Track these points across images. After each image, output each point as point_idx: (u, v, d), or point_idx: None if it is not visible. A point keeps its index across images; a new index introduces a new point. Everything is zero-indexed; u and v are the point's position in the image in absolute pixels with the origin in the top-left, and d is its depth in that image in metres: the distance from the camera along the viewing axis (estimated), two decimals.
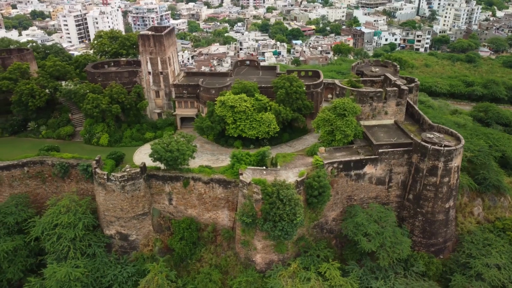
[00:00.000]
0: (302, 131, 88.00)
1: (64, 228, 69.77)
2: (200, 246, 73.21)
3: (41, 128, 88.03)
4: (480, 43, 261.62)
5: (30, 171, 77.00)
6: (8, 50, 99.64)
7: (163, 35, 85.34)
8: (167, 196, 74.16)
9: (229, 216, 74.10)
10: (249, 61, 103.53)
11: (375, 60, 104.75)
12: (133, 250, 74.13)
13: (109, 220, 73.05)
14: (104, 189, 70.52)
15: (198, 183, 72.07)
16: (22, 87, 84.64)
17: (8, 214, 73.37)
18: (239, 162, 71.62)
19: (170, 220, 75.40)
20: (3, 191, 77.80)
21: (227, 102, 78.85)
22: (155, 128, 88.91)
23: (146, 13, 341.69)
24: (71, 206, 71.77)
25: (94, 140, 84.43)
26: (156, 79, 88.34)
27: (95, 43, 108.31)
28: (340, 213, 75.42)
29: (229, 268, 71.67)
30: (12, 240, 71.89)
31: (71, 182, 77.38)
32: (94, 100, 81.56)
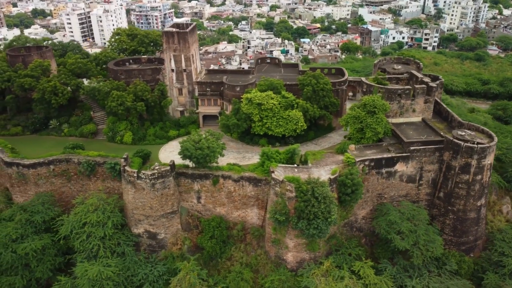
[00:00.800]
0: (327, 129, 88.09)
1: (93, 227, 69.70)
2: (229, 245, 73.22)
3: (63, 126, 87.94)
4: (489, 41, 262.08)
5: (56, 169, 76.84)
6: (27, 48, 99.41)
7: (188, 32, 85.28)
8: (195, 194, 74.14)
9: (258, 214, 74.14)
10: (270, 59, 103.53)
11: (396, 57, 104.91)
12: (161, 249, 74.07)
13: (137, 219, 72.98)
14: (133, 187, 70.46)
15: (228, 181, 72.05)
16: (44, 84, 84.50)
17: (35, 213, 73.22)
18: (269, 160, 71.67)
19: (198, 218, 75.38)
20: (28, 190, 77.64)
21: (254, 100, 78.84)
22: (178, 126, 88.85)
23: (150, 12, 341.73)
24: (99, 204, 71.69)
25: (118, 138, 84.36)
26: (179, 77, 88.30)
27: (113, 40, 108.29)
28: (370, 212, 75.54)
29: (260, 267, 71.72)
30: (40, 238, 71.72)
31: (97, 180, 77.24)
32: (118, 97, 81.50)
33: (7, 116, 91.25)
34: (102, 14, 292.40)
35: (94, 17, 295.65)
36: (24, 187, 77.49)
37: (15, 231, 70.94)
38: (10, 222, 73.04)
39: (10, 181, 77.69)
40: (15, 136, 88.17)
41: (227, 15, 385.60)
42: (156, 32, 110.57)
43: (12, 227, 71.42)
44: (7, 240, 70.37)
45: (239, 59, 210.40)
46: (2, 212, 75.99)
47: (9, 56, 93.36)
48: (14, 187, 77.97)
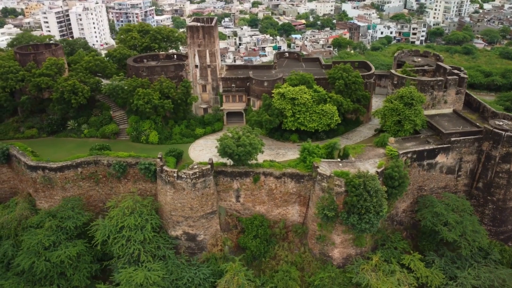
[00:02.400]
0: (355, 123, 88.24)
1: (132, 231, 67.66)
2: (272, 244, 72.32)
3: (82, 127, 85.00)
4: (474, 35, 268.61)
5: (84, 172, 74.27)
6: (35, 46, 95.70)
7: (213, 26, 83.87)
8: (234, 193, 72.94)
9: (299, 211, 73.56)
10: (288, 53, 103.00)
11: (414, 50, 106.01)
12: (201, 251, 72.57)
13: (175, 221, 71.29)
14: (172, 188, 68.74)
15: (269, 178, 71.17)
16: (63, 83, 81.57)
17: (65, 219, 70.62)
18: (310, 155, 71.12)
19: (237, 218, 74.20)
20: (54, 194, 74.77)
21: (287, 94, 78.16)
22: (203, 124, 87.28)
23: (130, 9, 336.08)
24: (135, 207, 69.68)
25: (143, 138, 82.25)
26: (203, 73, 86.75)
27: (122, 37, 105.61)
28: (410, 204, 76.02)
29: (305, 264, 71.16)
30: (74, 245, 69.15)
31: (127, 182, 75.02)
32: (145, 95, 79.36)
33: (20, 118, 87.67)
34: (82, 12, 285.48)
35: (73, 15, 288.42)
36: (50, 191, 74.58)
37: (47, 238, 68.20)
38: (39, 229, 70.20)
39: (34, 186, 74.63)
40: (30, 138, 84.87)
41: (208, 12, 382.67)
42: (168, 28, 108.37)
43: (44, 235, 68.62)
44: (40, 248, 67.59)
45: (233, 56, 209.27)
46: (28, 219, 72.85)
47: (18, 55, 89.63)
48: (39, 192, 74.95)
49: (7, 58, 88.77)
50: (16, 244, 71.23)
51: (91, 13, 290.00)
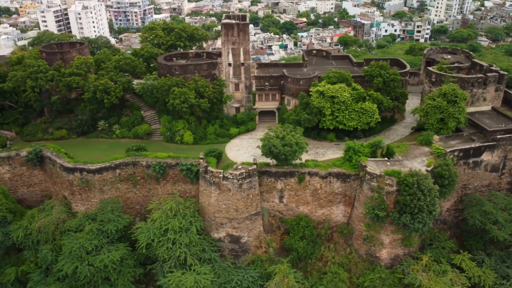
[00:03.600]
0: (390, 121, 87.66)
1: (177, 233, 66.56)
2: (318, 245, 71.57)
3: (113, 127, 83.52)
4: (478, 32, 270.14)
5: (122, 173, 72.96)
6: (59, 44, 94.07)
7: (248, 23, 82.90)
8: (278, 193, 72.11)
9: (344, 211, 72.95)
10: (316, 51, 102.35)
11: (442, 47, 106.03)
12: (244, 253, 71.61)
13: (219, 222, 70.28)
14: (217, 189, 67.71)
15: (314, 178, 70.44)
16: (95, 83, 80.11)
17: (106, 222, 69.29)
18: (356, 154, 70.49)
19: (280, 219, 73.36)
20: (92, 197, 73.40)
21: (327, 93, 77.45)
22: (237, 124, 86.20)
23: (129, 8, 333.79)
24: (178, 209, 68.55)
25: (177, 138, 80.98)
26: (236, 71, 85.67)
27: (145, 35, 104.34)
28: (454, 203, 75.73)
29: (352, 265, 70.57)
30: (116, 249, 67.83)
31: (166, 183, 73.86)
32: (181, 94, 78.16)
33: (47, 119, 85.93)
34: (82, 11, 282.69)
35: (72, 14, 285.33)
36: (87, 194, 73.20)
37: (89, 242, 66.84)
38: (79, 233, 68.84)
39: (71, 188, 73.21)
40: (60, 140, 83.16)
41: (207, 10, 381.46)
42: (192, 26, 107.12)
43: (85, 238, 67.26)
44: (82, 253, 66.22)
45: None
46: (66, 222, 71.35)
47: (44, 54, 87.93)
48: (75, 194, 73.53)
49: (33, 57, 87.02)
50: (54, 249, 69.66)
51: (91, 12, 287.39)
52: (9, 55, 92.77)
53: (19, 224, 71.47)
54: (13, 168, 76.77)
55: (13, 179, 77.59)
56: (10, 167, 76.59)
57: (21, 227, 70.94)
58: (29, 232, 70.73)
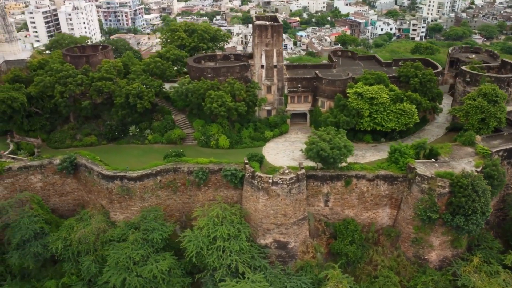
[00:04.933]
0: (422, 122, 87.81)
1: (226, 241, 65.45)
2: (366, 248, 71.23)
3: (145, 133, 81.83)
4: (472, 30, 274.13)
5: (163, 180, 71.50)
6: (81, 47, 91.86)
7: (282, 25, 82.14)
8: (323, 197, 71.58)
9: (390, 214, 72.82)
10: (341, 52, 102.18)
11: (464, 47, 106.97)
12: (291, 259, 70.86)
13: (266, 228, 69.39)
14: (266, 194, 66.81)
15: (361, 181, 70.11)
16: (127, 87, 78.36)
17: (150, 231, 67.71)
18: (402, 156, 70.38)
19: (325, 223, 72.84)
20: (132, 205, 71.69)
21: (366, 94, 77.25)
22: (270, 127, 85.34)
23: (119, 8, 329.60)
24: (225, 215, 67.45)
25: (212, 142, 79.73)
26: (269, 73, 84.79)
27: (166, 36, 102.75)
28: (496, 203, 76.25)
29: (400, 268, 70.38)
30: (163, 258, 66.35)
31: (207, 190, 72.64)
32: (218, 98, 76.98)
33: (75, 125, 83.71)
34: (72, 12, 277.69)
35: (62, 15, 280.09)
36: (127, 202, 71.49)
37: (135, 252, 65.22)
38: (123, 243, 67.16)
39: (110, 196, 71.38)
40: (89, 146, 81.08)
41: (197, 10, 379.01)
42: (214, 27, 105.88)
43: (131, 248, 65.62)
44: (130, 264, 64.56)
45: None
46: (106, 232, 69.55)
47: (69, 57, 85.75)
48: (114, 203, 71.74)
49: (58, 61, 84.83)
50: (96, 260, 67.87)
51: (82, 13, 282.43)
52: (29, 59, 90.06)
53: (57, 235, 69.47)
54: (46, 177, 74.54)
55: (45, 188, 75.36)
56: (43, 176, 74.35)
57: (60, 238, 68.96)
58: (69, 243, 68.81)
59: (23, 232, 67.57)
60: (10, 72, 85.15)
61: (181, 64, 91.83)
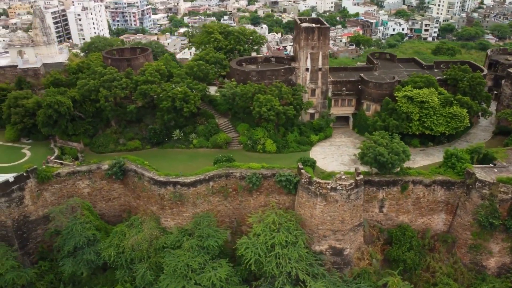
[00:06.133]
0: (467, 126, 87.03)
1: (284, 248, 64.63)
2: (423, 255, 70.50)
3: (190, 137, 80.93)
4: (484, 30, 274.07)
5: (215, 186, 70.64)
6: (120, 50, 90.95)
7: (329, 27, 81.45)
8: (378, 203, 70.87)
9: (445, 220, 72.13)
10: (379, 54, 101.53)
11: (502, 49, 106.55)
12: (346, 266, 70.07)
13: (322, 235, 68.60)
14: (324, 200, 66.01)
15: (418, 186, 69.44)
16: (173, 91, 77.47)
17: (205, 237, 66.84)
18: (459, 161, 69.72)
19: (379, 229, 72.10)
20: (184, 211, 70.77)
21: (416, 97, 76.63)
22: (314, 130, 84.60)
23: (127, 8, 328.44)
24: (281, 221, 66.65)
25: (259, 146, 78.92)
26: (313, 76, 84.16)
27: (201, 39, 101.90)
28: None
29: (458, 276, 69.65)
30: (219, 266, 65.46)
31: (259, 195, 71.82)
32: (267, 102, 76.17)
33: (117, 129, 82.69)
34: (81, 12, 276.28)
35: (71, 15, 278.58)
36: (179, 208, 70.56)
37: (193, 260, 64.30)
38: (178, 250, 66.22)
39: (161, 202, 70.44)
40: (134, 151, 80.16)
41: (204, 10, 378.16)
42: (250, 30, 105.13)
43: (188, 256, 64.70)
44: (188, 271, 63.65)
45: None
46: (160, 239, 68.61)
47: (110, 60, 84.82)
48: (166, 209, 70.80)
49: (99, 64, 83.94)
50: (151, 267, 66.87)
51: (91, 13, 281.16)
52: (67, 62, 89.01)
53: (109, 242, 68.52)
54: (93, 182, 73.56)
55: (92, 193, 74.36)
56: (90, 181, 73.36)
57: (112, 245, 67.99)
58: (121, 250, 67.84)
59: (76, 239, 66.66)
60: (50, 76, 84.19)
61: (220, 67, 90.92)
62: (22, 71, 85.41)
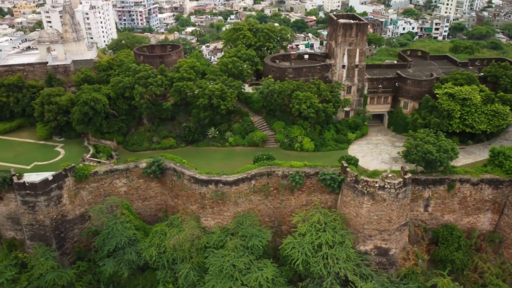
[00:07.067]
0: None
1: (331, 248, 63.39)
2: (470, 255, 69.32)
3: (226, 135, 79.55)
4: (495, 29, 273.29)
5: (256, 184, 69.36)
6: (150, 47, 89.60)
7: (367, 23, 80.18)
8: (423, 202, 69.77)
9: (491, 219, 71.05)
10: (410, 51, 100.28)
11: None
12: (392, 266, 68.83)
13: (367, 234, 67.33)
14: (371, 199, 64.75)
15: (465, 185, 68.34)
16: (211, 87, 76.16)
17: (248, 237, 65.56)
18: (506, 159, 68.56)
19: (423, 228, 70.92)
20: (225, 210, 69.42)
21: (458, 95, 75.43)
22: (350, 128, 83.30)
23: (133, 7, 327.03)
24: (326, 221, 65.40)
25: (296, 145, 77.57)
26: (350, 73, 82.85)
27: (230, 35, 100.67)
28: None
29: (506, 276, 68.56)
30: (264, 266, 64.12)
31: (301, 194, 70.60)
32: (307, 99, 74.90)
33: (150, 127, 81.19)
34: (89, 11, 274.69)
35: (79, 14, 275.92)
36: (220, 207, 69.22)
37: (238, 260, 62.99)
38: (222, 250, 64.97)
39: (202, 201, 69.11)
40: (168, 149, 78.66)
41: (210, 9, 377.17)
42: (279, 27, 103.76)
43: (233, 256, 63.41)
44: (234, 272, 62.33)
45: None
46: (201, 239, 67.30)
47: (142, 57, 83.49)
48: (206, 208, 69.46)
49: (132, 60, 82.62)
50: (193, 268, 65.51)
51: (99, 12, 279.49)
52: (97, 59, 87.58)
53: (150, 242, 67.21)
54: (130, 181, 72.22)
55: (129, 192, 73.02)
56: (127, 180, 72.01)
57: (153, 245, 66.71)
58: (163, 250, 66.51)
59: (118, 239, 65.34)
60: (81, 73, 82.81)
61: (251, 64, 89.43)
62: (52, 68, 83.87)
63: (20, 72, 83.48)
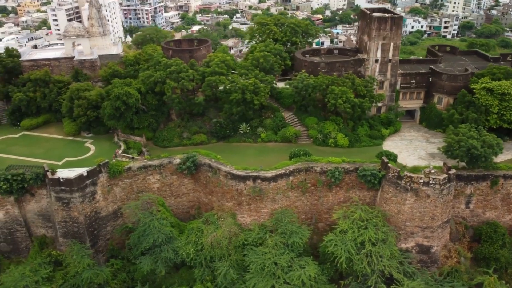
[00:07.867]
0: None
1: (374, 246, 61.90)
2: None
3: (258, 130, 78.03)
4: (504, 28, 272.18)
5: (294, 180, 67.83)
6: (177, 41, 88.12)
7: (402, 17, 78.75)
8: (465, 198, 68.35)
9: None
10: (439, 46, 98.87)
11: None
12: (433, 264, 67.35)
13: (409, 232, 65.82)
14: (414, 195, 63.25)
15: (509, 181, 67.00)
16: (244, 82, 74.65)
17: (288, 235, 64.07)
18: None
19: (464, 225, 69.50)
20: (262, 207, 67.86)
21: (497, 89, 74.04)
22: (383, 124, 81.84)
23: (139, 6, 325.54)
24: (368, 217, 63.93)
25: (330, 141, 76.09)
26: (383, 68, 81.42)
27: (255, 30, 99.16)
28: None
29: None
30: (306, 264, 62.58)
31: (339, 190, 69.10)
32: (342, 94, 73.43)
33: (180, 122, 79.66)
34: None
35: (86, 13, 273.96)
36: (257, 204, 67.67)
37: (280, 257, 61.50)
38: (262, 248, 63.53)
39: (239, 198, 67.54)
40: (199, 145, 77.15)
41: (215, 8, 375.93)
42: (305, 21, 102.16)
43: (274, 253, 61.94)
44: (276, 270, 60.82)
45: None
46: (239, 236, 65.74)
47: (171, 51, 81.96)
48: (243, 205, 67.90)
49: (160, 55, 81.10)
50: (232, 265, 63.95)
51: (105, 10, 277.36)
52: (123, 53, 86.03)
53: (187, 239, 65.64)
54: (164, 177, 70.64)
55: (162, 189, 71.43)
56: (161, 176, 70.44)
57: (190, 243, 65.17)
58: (200, 247, 64.97)
59: (155, 236, 63.70)
60: (108, 68, 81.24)
61: (280, 59, 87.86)
62: (78, 62, 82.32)
63: (46, 67, 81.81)
